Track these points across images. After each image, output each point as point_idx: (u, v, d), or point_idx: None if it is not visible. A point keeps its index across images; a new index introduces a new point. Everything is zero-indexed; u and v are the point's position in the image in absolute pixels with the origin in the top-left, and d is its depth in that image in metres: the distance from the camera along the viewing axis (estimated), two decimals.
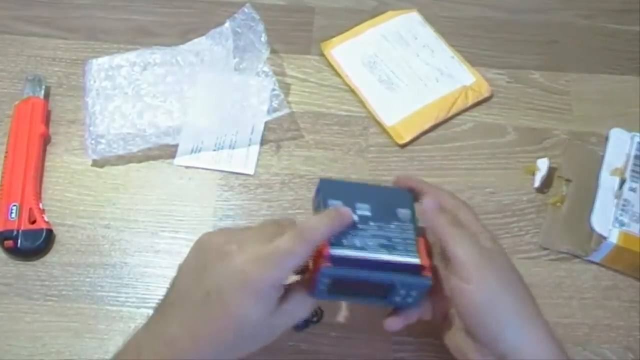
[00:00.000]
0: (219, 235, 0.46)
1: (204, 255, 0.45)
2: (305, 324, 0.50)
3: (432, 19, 0.76)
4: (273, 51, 0.72)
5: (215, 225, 0.62)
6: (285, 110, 0.66)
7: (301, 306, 0.46)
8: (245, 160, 0.66)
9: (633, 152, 0.62)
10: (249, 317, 0.43)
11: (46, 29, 0.75)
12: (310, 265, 0.46)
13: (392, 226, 0.47)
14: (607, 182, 0.61)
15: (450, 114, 0.69)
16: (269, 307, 0.43)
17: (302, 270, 0.47)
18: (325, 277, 0.45)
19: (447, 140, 0.68)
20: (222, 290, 0.42)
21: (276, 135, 0.68)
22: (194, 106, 0.67)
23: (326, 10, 0.77)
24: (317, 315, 0.52)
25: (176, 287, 0.46)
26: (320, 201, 0.48)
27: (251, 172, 0.65)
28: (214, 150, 0.66)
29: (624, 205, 0.59)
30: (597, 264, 0.60)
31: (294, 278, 0.47)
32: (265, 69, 0.68)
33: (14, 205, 0.61)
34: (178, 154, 0.66)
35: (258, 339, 0.45)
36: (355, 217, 0.47)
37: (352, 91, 0.71)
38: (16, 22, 0.75)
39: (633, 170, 0.61)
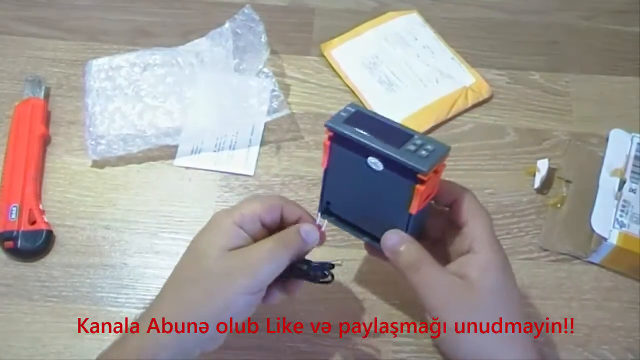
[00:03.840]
0: None
1: None
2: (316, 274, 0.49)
3: (432, 20, 0.76)
4: (273, 52, 0.72)
5: None
6: (285, 111, 0.66)
7: (267, 250, 0.46)
8: (245, 161, 0.66)
9: (633, 153, 0.62)
10: (203, 244, 0.46)
11: (46, 30, 0.75)
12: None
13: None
14: (607, 183, 0.61)
15: (450, 115, 0.69)
16: (226, 240, 0.45)
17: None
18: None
19: (447, 141, 0.66)
20: (194, 239, 0.48)
21: (276, 136, 0.68)
22: (193, 107, 0.67)
23: (326, 11, 0.77)
24: (326, 270, 0.50)
25: None
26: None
27: (251, 173, 0.65)
28: (214, 151, 0.66)
29: (623, 206, 0.59)
30: (597, 265, 0.60)
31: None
32: (265, 69, 0.68)
33: (14, 206, 0.61)
34: (178, 154, 0.66)
35: (219, 279, 0.45)
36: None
37: (352, 92, 0.71)
38: (16, 23, 0.75)
39: (633, 171, 0.61)
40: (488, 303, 0.45)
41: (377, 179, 0.46)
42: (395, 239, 0.46)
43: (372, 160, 0.46)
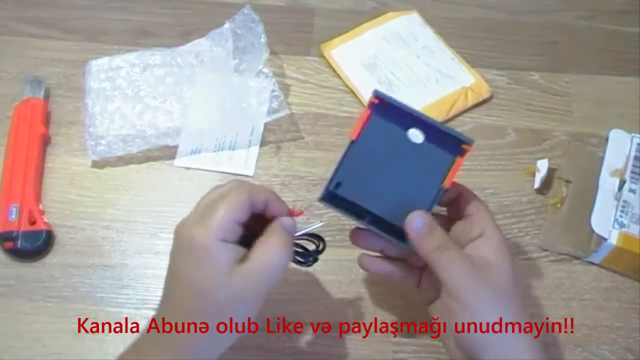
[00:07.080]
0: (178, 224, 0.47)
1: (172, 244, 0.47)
2: (307, 259, 0.49)
3: (432, 20, 0.76)
4: (273, 52, 0.72)
5: None
6: (285, 112, 0.66)
7: (272, 254, 0.44)
8: (245, 161, 0.66)
9: (633, 154, 0.62)
10: (202, 278, 0.43)
11: (46, 30, 0.75)
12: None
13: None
14: (607, 183, 0.61)
15: (450, 115, 0.69)
16: (222, 263, 0.43)
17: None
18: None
19: None
20: (176, 264, 0.45)
21: (276, 136, 0.68)
22: (193, 107, 0.67)
23: (326, 12, 0.77)
24: (317, 246, 0.50)
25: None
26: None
27: (251, 173, 0.65)
28: (214, 151, 0.66)
29: (623, 207, 0.59)
30: (597, 265, 0.60)
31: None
32: (265, 70, 0.68)
33: (14, 207, 0.61)
34: (178, 155, 0.66)
35: (231, 305, 0.43)
36: None
37: (352, 92, 0.71)
38: (16, 23, 0.75)
39: (633, 172, 0.61)
40: (505, 283, 0.47)
41: (413, 153, 0.47)
42: (422, 220, 0.46)
43: (413, 132, 0.46)
